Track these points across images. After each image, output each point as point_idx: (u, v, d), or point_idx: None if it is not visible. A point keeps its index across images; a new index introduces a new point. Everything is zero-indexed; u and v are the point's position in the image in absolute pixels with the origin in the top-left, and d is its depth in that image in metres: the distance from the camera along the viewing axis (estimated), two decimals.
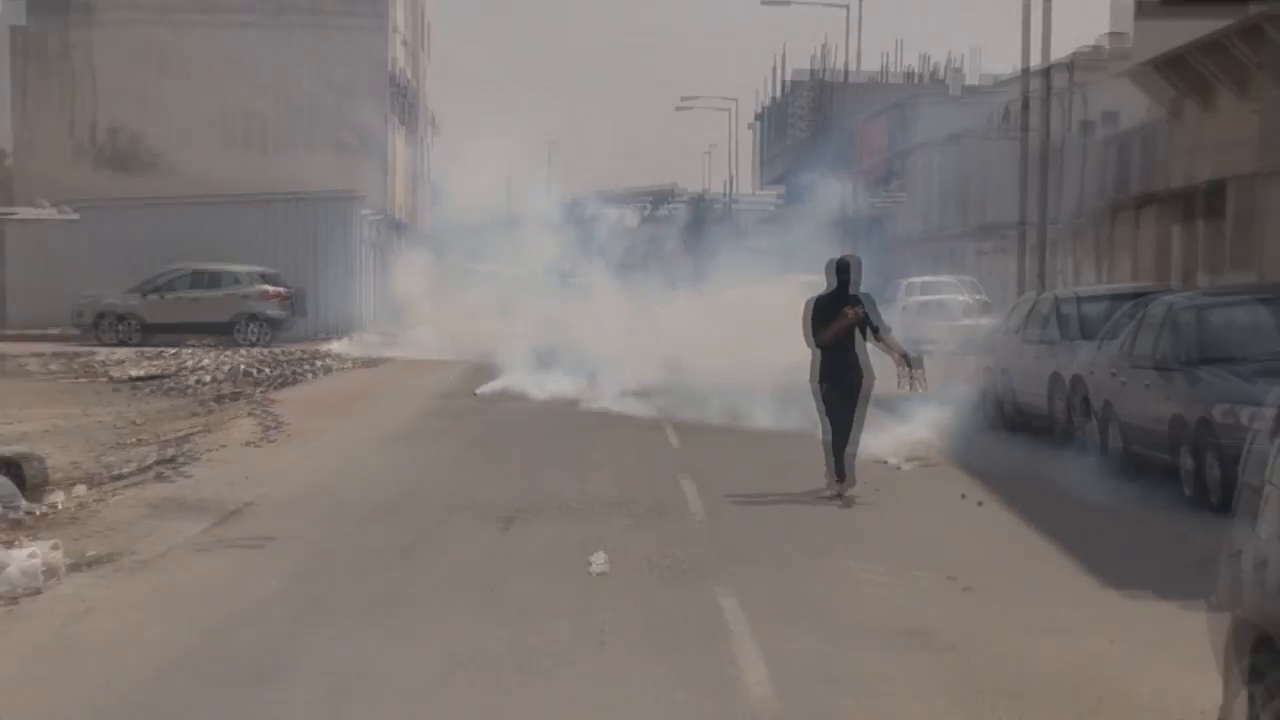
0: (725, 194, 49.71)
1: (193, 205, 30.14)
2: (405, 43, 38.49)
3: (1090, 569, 7.99)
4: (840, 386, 9.86)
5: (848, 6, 31.30)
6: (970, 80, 44.55)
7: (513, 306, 23.52)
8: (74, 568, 7.62)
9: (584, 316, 21.50)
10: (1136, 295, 13.75)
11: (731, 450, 14.05)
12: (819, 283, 33.59)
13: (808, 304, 10.05)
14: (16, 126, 35.38)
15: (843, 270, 9.90)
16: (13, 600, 6.87)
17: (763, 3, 32.10)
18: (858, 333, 9.73)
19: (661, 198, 43.89)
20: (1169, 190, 18.53)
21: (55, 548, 7.51)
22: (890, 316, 28.43)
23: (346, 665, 5.50)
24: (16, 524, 8.72)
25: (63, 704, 4.83)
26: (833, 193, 31.81)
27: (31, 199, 33.08)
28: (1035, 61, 19.39)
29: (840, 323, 9.71)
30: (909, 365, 9.38)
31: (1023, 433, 13.97)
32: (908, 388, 9.08)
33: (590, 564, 7.79)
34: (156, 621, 6.70)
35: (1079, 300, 14.24)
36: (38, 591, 6.75)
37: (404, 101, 37.64)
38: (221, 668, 5.45)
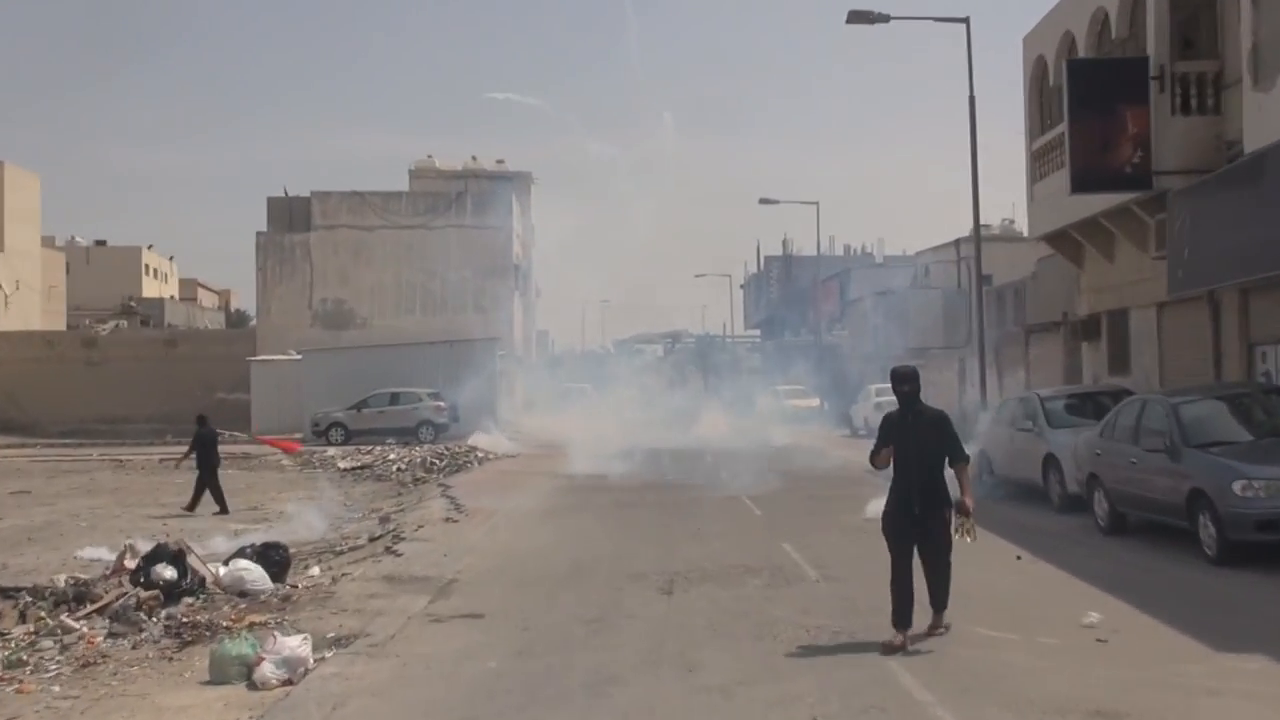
0: (722, 333, 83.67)
1: (382, 349, 44.36)
2: (519, 236, 54.96)
3: (1174, 622, 9.31)
4: (905, 516, 8.89)
5: (817, 203, 54.20)
6: (878, 256, 76.03)
7: (593, 416, 38.22)
8: (321, 644, 9.04)
9: (638, 427, 35.24)
10: (1086, 395, 19.03)
11: (798, 510, 17.75)
12: (795, 393, 43.22)
13: (882, 420, 9.51)
14: (259, 299, 53.35)
15: (899, 380, 9.11)
16: (287, 683, 8.15)
17: (760, 202, 53.35)
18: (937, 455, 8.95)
19: (675, 338, 77.44)
20: (1077, 318, 26.53)
21: (304, 641, 8.70)
22: (863, 409, 44.21)
23: None
24: (283, 600, 11.39)
25: None
26: (800, 330, 65.45)
27: (271, 349, 48.36)
28: (939, 240, 38.03)
29: (884, 454, 9.18)
30: (962, 514, 8.87)
31: (1007, 498, 18.24)
32: (959, 535, 8.88)
33: (766, 637, 9.25)
34: (402, 714, 7.53)
35: (1044, 399, 18.80)
36: (290, 682, 8.14)
37: (518, 275, 53.82)
38: None
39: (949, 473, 9.20)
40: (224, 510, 20.18)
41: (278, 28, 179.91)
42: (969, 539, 8.90)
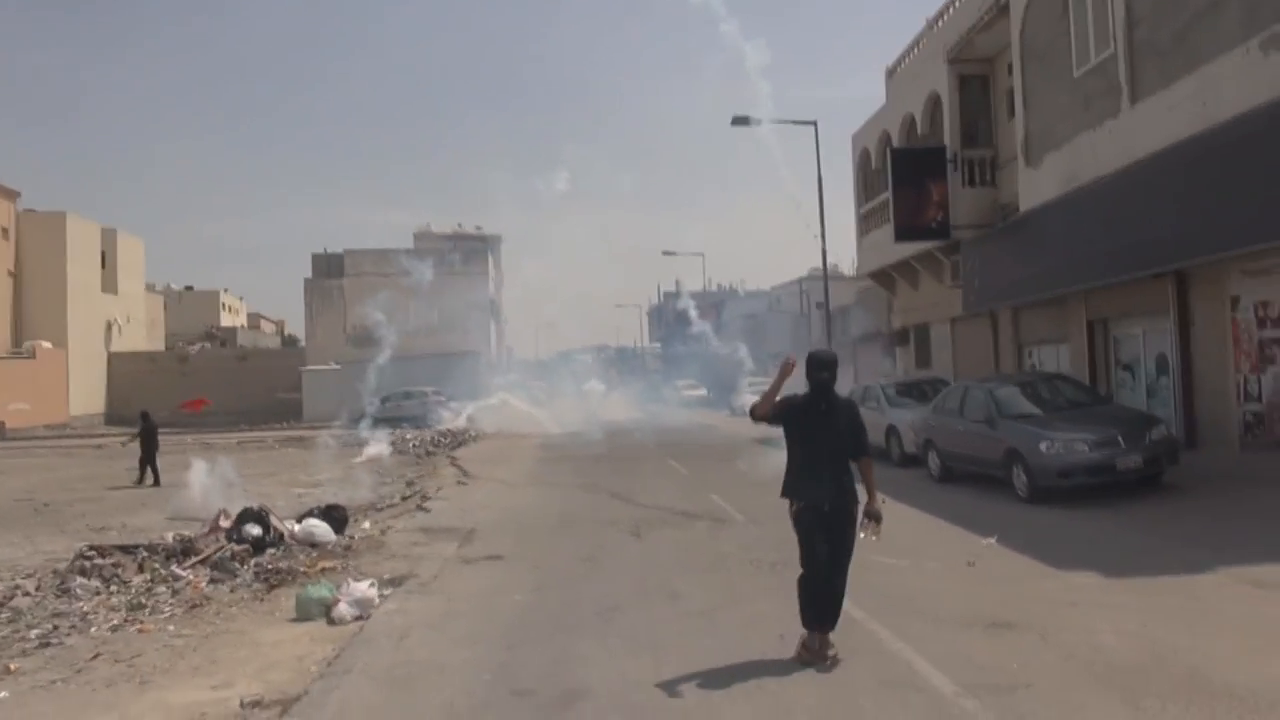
0: (634, 345, 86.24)
1: (398, 360, 39.02)
2: (493, 280, 54.72)
3: (1017, 548, 8.42)
4: (815, 509, 5.65)
5: (703, 255, 60.07)
6: (741, 291, 75.50)
7: (545, 405, 39.35)
8: (380, 584, 7.94)
9: (588, 405, 38.01)
10: (911, 383, 18.16)
11: (711, 469, 16.32)
12: (689, 385, 42.56)
13: (783, 402, 5.84)
14: (306, 327, 52.79)
15: (819, 366, 5.77)
16: (359, 619, 7.04)
17: (663, 254, 57.27)
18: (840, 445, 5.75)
19: (603, 349, 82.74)
20: (891, 330, 26.57)
21: (372, 585, 7.61)
22: (741, 395, 43.13)
23: (622, 685, 5.28)
24: (345, 549, 10.09)
25: None
26: (690, 343, 55.65)
27: (316, 362, 48.04)
28: (783, 278, 41.00)
29: (766, 407, 5.86)
30: (873, 519, 5.74)
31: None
32: (864, 534, 5.76)
33: (721, 569, 8.25)
34: (457, 643, 6.41)
35: (883, 387, 17.78)
36: (362, 618, 7.06)
37: (492, 307, 53.57)
38: (527, 688, 5.27)
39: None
40: (157, 483, 18.73)
41: (323, 125, 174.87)
42: (873, 538, 5.82)
